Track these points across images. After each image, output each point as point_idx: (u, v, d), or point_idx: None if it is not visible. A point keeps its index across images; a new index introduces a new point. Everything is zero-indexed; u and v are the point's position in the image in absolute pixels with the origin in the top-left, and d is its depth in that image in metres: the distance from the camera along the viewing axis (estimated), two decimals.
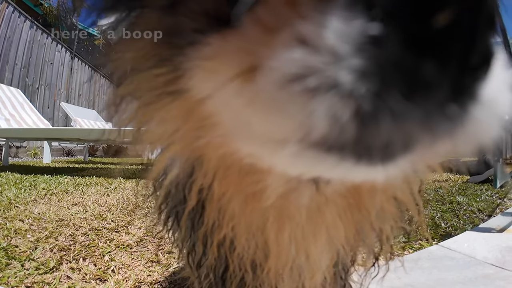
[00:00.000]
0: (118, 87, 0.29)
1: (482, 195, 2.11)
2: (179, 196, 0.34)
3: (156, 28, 0.24)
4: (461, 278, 0.82)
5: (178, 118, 0.25)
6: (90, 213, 1.49)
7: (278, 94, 0.14)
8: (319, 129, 0.14)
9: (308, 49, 0.13)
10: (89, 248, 1.03)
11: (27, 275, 0.85)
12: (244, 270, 0.33)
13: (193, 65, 0.21)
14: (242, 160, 0.24)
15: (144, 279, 0.81)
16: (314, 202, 0.27)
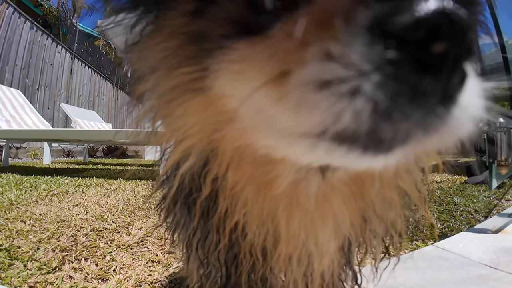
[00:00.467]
0: (138, 83, 0.31)
1: (480, 196, 2.13)
2: (194, 186, 0.35)
3: (183, 31, 0.26)
4: (454, 278, 0.83)
5: (198, 113, 0.28)
6: (91, 214, 1.51)
7: (307, 95, 0.18)
8: (340, 125, 0.18)
9: (336, 62, 0.17)
10: (91, 249, 1.05)
11: (30, 275, 0.87)
12: (255, 257, 0.35)
13: (221, 67, 0.24)
14: (257, 151, 0.27)
15: (145, 278, 0.83)
16: (321, 190, 0.30)
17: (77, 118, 5.32)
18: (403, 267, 0.88)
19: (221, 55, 0.24)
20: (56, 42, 8.81)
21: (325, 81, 0.17)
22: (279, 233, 0.32)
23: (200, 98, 0.27)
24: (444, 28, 0.15)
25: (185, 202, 0.37)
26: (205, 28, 0.25)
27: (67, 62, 9.38)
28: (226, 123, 0.27)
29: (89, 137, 3.61)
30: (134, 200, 1.88)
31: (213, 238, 0.36)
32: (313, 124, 0.19)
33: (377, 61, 0.16)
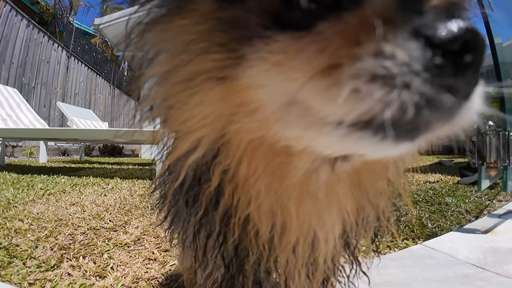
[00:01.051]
0: (149, 66, 0.31)
1: (472, 196, 2.16)
2: (202, 178, 0.34)
3: (215, 16, 0.26)
4: (440, 276, 0.86)
5: (215, 103, 0.28)
6: (88, 213, 1.52)
7: (360, 87, 0.20)
8: (387, 114, 0.20)
9: (389, 60, 0.20)
10: (88, 247, 1.07)
11: (29, 272, 0.89)
12: (262, 247, 0.36)
13: (258, 56, 0.24)
14: (275, 143, 0.28)
15: (142, 275, 0.85)
16: (330, 180, 0.32)
17: (73, 117, 5.30)
18: (391, 265, 0.91)
19: (261, 45, 0.24)
20: (52, 40, 8.76)
21: (379, 75, 0.20)
22: (287, 222, 0.33)
23: (221, 87, 0.27)
24: (471, 44, 0.21)
25: (189, 195, 0.36)
26: (241, 16, 0.25)
27: (63, 60, 9.34)
28: (244, 115, 0.27)
29: (86, 137, 3.61)
30: (130, 199, 1.89)
31: (219, 232, 0.36)
32: (361, 113, 0.21)
33: (425, 63, 0.20)
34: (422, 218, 1.50)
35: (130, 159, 7.44)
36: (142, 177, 3.09)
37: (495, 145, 1.20)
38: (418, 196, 2.09)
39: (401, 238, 1.20)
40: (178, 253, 0.64)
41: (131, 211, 1.59)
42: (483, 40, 0.21)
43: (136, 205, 1.75)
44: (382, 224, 0.41)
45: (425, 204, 1.88)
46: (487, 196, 2.21)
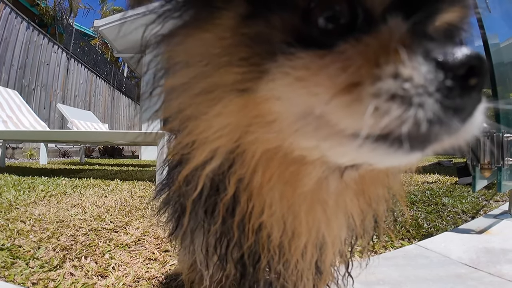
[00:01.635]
0: (165, 77, 0.32)
1: (469, 196, 2.18)
2: (218, 187, 0.36)
3: (239, 32, 0.28)
4: (432, 275, 0.87)
5: (234, 114, 0.29)
6: (89, 214, 1.54)
7: (379, 104, 0.22)
8: (402, 129, 0.23)
9: (406, 81, 0.22)
10: (90, 247, 1.09)
11: (32, 272, 0.91)
12: (273, 252, 0.37)
13: (281, 71, 0.26)
14: (290, 153, 0.30)
15: (143, 275, 0.88)
16: (338, 187, 0.34)
17: (73, 119, 5.32)
18: (384, 264, 0.93)
19: (284, 60, 0.25)
20: (52, 42, 8.79)
21: (397, 95, 0.22)
22: (297, 227, 0.35)
23: (241, 99, 0.28)
24: (476, 69, 0.23)
25: (207, 204, 0.37)
26: (265, 32, 0.27)
27: (63, 62, 9.37)
28: (261, 125, 0.29)
29: (87, 138, 3.63)
30: (131, 201, 1.91)
31: (237, 238, 0.37)
32: (380, 128, 0.23)
33: (437, 85, 0.22)
34: (418, 219, 1.52)
35: (130, 160, 7.45)
36: (142, 178, 3.11)
37: (489, 147, 1.23)
38: (415, 197, 2.11)
39: (397, 238, 1.23)
40: (178, 254, 0.66)
41: (132, 213, 1.61)
42: (486, 66, 0.24)
43: (137, 206, 1.77)
44: (380, 226, 0.44)
45: (422, 204, 1.90)
46: (484, 197, 2.23)
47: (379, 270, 0.88)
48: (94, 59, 11.72)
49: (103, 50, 18.15)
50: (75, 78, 10.00)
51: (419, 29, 0.25)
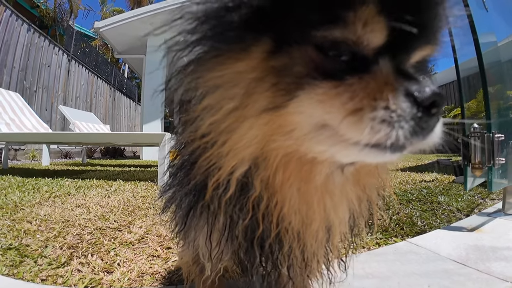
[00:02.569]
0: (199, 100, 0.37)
1: (465, 195, 2.21)
2: (248, 187, 0.42)
3: (268, 65, 0.34)
4: (420, 271, 0.91)
5: (262, 127, 0.36)
6: (94, 214, 1.59)
7: (375, 125, 0.32)
8: (391, 139, 0.32)
9: (393, 111, 0.32)
10: (96, 246, 1.13)
11: (41, 270, 0.95)
12: (292, 237, 0.44)
13: (306, 95, 0.34)
14: (305, 155, 0.38)
15: (146, 270, 0.92)
16: (341, 180, 0.43)
17: (75, 120, 5.38)
18: (374, 260, 0.97)
19: (309, 88, 0.34)
20: (53, 44, 8.86)
21: (386, 120, 0.32)
22: (311, 215, 0.43)
23: (268, 115, 0.35)
24: (437, 103, 0.33)
25: (238, 203, 0.43)
26: (291, 65, 0.34)
27: (64, 64, 9.43)
28: (282, 134, 0.36)
29: (90, 140, 3.68)
30: (133, 201, 1.96)
31: (260, 230, 0.43)
32: (374, 139, 0.33)
33: (411, 116, 0.32)
34: (412, 217, 1.55)
35: (131, 161, 7.50)
36: (144, 179, 3.16)
37: (479, 147, 1.27)
38: (412, 195, 2.14)
39: (390, 235, 1.26)
40: (179, 251, 0.71)
41: (135, 212, 1.66)
42: (443, 99, 0.33)
43: (139, 206, 1.81)
44: (373, 212, 0.53)
45: (418, 202, 1.93)
46: (480, 195, 2.25)
47: (368, 265, 0.92)
48: (94, 60, 11.78)
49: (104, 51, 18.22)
50: (76, 80, 10.06)
51: (401, 68, 0.35)
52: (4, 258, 1.05)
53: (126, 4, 22.31)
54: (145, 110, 8.55)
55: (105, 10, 20.11)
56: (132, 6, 21.54)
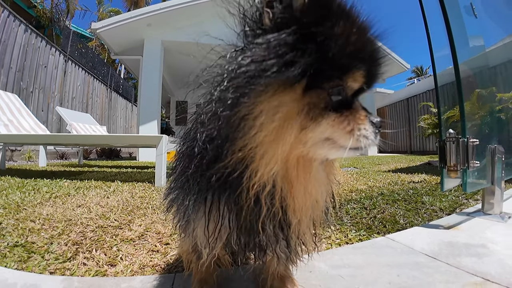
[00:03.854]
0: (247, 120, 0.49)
1: (450, 195, 2.32)
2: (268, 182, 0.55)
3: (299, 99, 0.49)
4: (392, 262, 0.99)
5: (290, 141, 0.50)
6: (94, 213, 1.67)
7: (359, 138, 0.52)
8: (359, 147, 0.53)
9: (368, 132, 0.54)
10: (99, 242, 1.21)
11: (48, 264, 1.03)
12: (293, 214, 0.58)
13: (325, 121, 0.51)
14: (308, 156, 0.54)
15: (147, 263, 1.01)
16: (322, 170, 0.61)
17: (72, 122, 5.42)
18: (353, 252, 1.06)
19: (326, 117, 0.51)
20: (50, 45, 8.86)
21: (363, 135, 0.52)
22: (308, 196, 0.58)
23: (296, 132, 0.50)
24: (381, 125, 0.55)
25: (262, 196, 0.56)
26: (316, 101, 0.50)
27: (60, 64, 9.43)
28: (302, 145, 0.52)
29: (88, 142, 3.74)
30: (132, 201, 2.04)
31: (263, 213, 0.56)
32: (356, 145, 0.52)
33: (374, 132, 0.54)
34: (396, 215, 1.66)
35: (128, 162, 7.54)
36: (142, 180, 3.23)
37: (455, 151, 1.37)
38: (398, 195, 2.24)
39: (374, 232, 1.36)
40: (180, 242, 0.82)
41: (134, 212, 1.74)
42: (384, 123, 0.55)
43: (138, 206, 1.90)
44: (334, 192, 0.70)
45: (403, 202, 2.03)
46: (465, 196, 2.36)
47: (347, 256, 1.01)
48: (91, 60, 11.77)
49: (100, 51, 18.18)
50: (73, 80, 10.06)
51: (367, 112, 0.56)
52: (12, 254, 1.13)
53: (123, 5, 22.27)
54: (141, 111, 8.60)
55: (102, 10, 20.07)
56: (129, 7, 21.54)
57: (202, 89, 0.56)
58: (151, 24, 8.65)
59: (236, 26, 0.54)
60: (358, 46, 0.50)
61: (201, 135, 0.54)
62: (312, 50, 0.47)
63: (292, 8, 0.47)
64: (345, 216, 1.66)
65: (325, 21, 0.48)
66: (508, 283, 0.88)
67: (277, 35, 0.47)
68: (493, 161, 1.66)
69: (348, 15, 0.50)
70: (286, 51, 0.46)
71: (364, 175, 3.74)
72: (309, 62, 0.46)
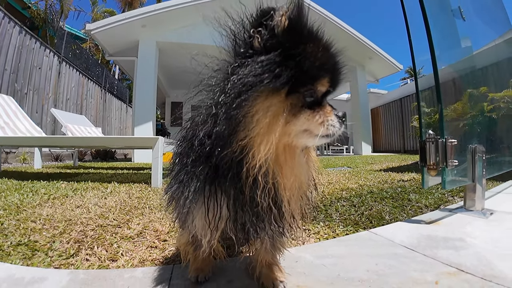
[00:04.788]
0: (246, 117, 0.61)
1: (436, 193, 2.42)
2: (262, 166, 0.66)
3: (284, 104, 0.62)
4: (372, 252, 1.07)
5: (278, 132, 0.62)
6: (93, 213, 1.73)
7: (328, 128, 0.66)
8: (334, 133, 0.68)
9: (335, 123, 0.67)
10: (99, 240, 1.28)
11: (53, 260, 1.10)
12: (283, 192, 0.69)
13: (302, 117, 0.65)
14: (293, 144, 0.67)
15: (147, 258, 1.08)
16: (303, 155, 0.73)
17: (67, 124, 5.44)
18: (337, 245, 1.15)
19: (303, 113, 0.64)
20: (44, 46, 8.83)
21: (330, 124, 0.66)
22: (295, 177, 0.70)
23: (283, 125, 0.63)
24: (343, 118, 0.69)
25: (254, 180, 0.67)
26: (296, 101, 0.63)
27: (55, 66, 9.39)
28: (287, 135, 0.65)
29: (84, 144, 3.79)
30: (129, 201, 2.10)
31: (260, 189, 0.67)
32: (326, 133, 0.66)
33: (339, 122, 0.68)
34: (382, 212, 1.74)
35: (123, 163, 7.56)
36: (138, 181, 3.29)
37: (434, 150, 1.46)
38: (387, 193, 2.34)
39: (360, 227, 1.45)
40: (178, 235, 0.91)
41: (132, 211, 1.80)
42: (345, 116, 0.69)
43: (135, 206, 1.96)
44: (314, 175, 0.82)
45: (391, 200, 2.11)
46: (451, 193, 2.46)
47: (331, 248, 1.10)
48: (85, 61, 11.73)
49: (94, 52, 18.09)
50: (67, 82, 10.03)
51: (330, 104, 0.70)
52: (16, 252, 1.19)
53: (117, 5, 22.18)
54: (136, 112, 8.63)
55: (96, 11, 19.96)
56: (123, 7, 21.47)
57: (200, 95, 0.72)
58: (145, 25, 8.68)
59: (227, 44, 0.68)
60: (323, 61, 0.65)
61: (201, 132, 0.67)
62: (292, 65, 0.62)
63: (275, 33, 0.62)
64: (334, 213, 1.75)
65: (300, 44, 0.63)
66: (483, 274, 0.92)
67: (268, 56, 0.62)
68: (474, 160, 1.76)
69: (315, 38, 0.66)
70: (275, 67, 0.61)
71: (356, 174, 3.84)
72: (290, 74, 0.61)
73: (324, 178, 3.42)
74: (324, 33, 0.68)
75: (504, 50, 3.58)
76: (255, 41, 0.63)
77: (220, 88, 0.64)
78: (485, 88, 2.80)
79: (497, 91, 3.12)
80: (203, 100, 0.70)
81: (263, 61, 0.61)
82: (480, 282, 0.88)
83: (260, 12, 0.64)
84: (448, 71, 2.31)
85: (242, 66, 0.63)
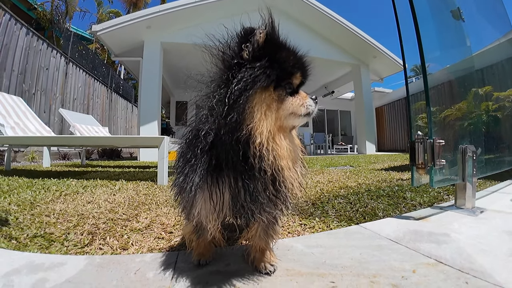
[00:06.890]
0: (250, 107, 0.77)
1: (432, 191, 2.49)
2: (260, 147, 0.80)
3: (272, 96, 0.81)
4: (358, 244, 1.16)
5: (272, 116, 0.80)
6: (104, 208, 1.84)
7: (308, 108, 0.87)
8: (309, 112, 0.87)
9: (312, 105, 0.88)
10: (110, 232, 1.39)
11: (69, 249, 1.20)
12: (279, 173, 0.82)
13: (286, 103, 0.84)
14: (285, 125, 0.85)
15: (154, 247, 1.19)
16: (292, 136, 0.92)
17: (75, 123, 5.59)
18: (327, 237, 1.24)
19: (287, 100, 0.83)
20: (51, 47, 9.02)
21: (309, 105, 0.86)
22: (290, 156, 0.85)
23: (275, 111, 0.80)
24: (316, 100, 0.91)
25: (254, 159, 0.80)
26: (282, 93, 0.82)
27: (62, 66, 9.58)
28: (278, 119, 0.81)
29: (93, 143, 3.92)
30: (137, 198, 2.21)
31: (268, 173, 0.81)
32: (307, 111, 0.86)
33: (314, 104, 0.89)
34: (377, 209, 1.83)
35: (130, 162, 7.71)
36: (144, 178, 3.41)
37: (422, 150, 1.54)
38: (383, 192, 2.42)
39: (354, 223, 1.53)
40: (183, 226, 1.02)
41: (140, 207, 1.92)
42: (317, 99, 0.91)
43: (143, 202, 2.07)
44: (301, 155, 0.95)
45: (386, 198, 2.19)
46: (446, 192, 2.53)
47: (321, 240, 1.20)
48: (91, 62, 11.92)
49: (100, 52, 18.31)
50: (74, 82, 10.22)
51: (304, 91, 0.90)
52: (33, 243, 1.30)
53: (122, 6, 22.39)
54: (142, 112, 8.78)
55: (102, 11, 20.19)
56: (128, 8, 21.67)
57: (203, 98, 0.87)
58: (150, 26, 8.82)
59: (218, 56, 0.86)
60: (295, 61, 0.86)
61: (205, 126, 0.81)
62: (276, 67, 0.81)
63: (259, 46, 0.81)
64: (330, 209, 1.84)
65: (277, 52, 0.84)
66: (461, 266, 0.97)
67: (261, 63, 0.80)
68: (464, 159, 1.84)
69: (286, 46, 0.87)
70: (266, 70, 0.79)
71: (357, 173, 3.92)
72: (275, 74, 0.81)
73: (325, 177, 3.50)
74: (291, 42, 0.90)
75: (506, 50, 3.62)
76: (244, 53, 0.81)
77: (225, 90, 0.79)
78: (489, 87, 2.86)
79: (502, 91, 3.17)
80: (204, 100, 0.86)
81: (257, 67, 0.79)
82: (456, 274, 0.93)
83: (245, 31, 0.82)
84: (443, 72, 2.39)
85: (240, 72, 0.79)
